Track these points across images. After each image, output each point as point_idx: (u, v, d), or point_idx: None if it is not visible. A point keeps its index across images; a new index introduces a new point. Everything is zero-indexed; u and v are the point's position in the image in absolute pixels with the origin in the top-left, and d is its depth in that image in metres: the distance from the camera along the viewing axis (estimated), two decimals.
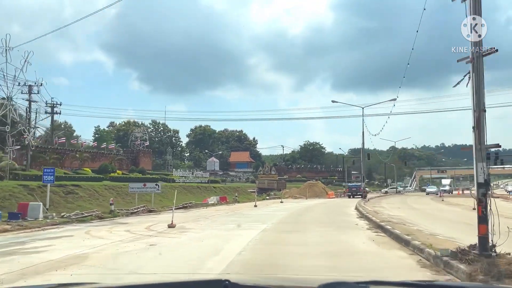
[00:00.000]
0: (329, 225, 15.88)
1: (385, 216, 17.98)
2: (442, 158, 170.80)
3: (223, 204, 37.34)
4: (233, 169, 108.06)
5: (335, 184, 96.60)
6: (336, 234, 13.01)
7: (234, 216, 21.10)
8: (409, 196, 55.05)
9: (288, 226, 15.55)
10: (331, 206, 30.60)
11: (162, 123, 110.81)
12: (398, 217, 17.87)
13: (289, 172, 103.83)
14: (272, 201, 41.36)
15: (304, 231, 13.84)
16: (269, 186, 70.91)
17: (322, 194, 59.71)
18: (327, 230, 14.03)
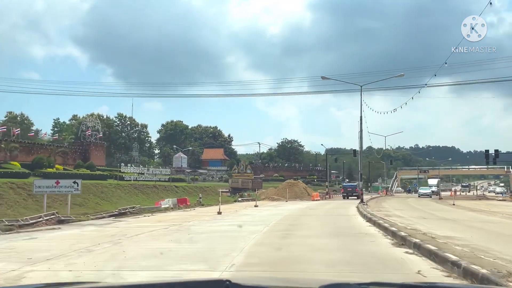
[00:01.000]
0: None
1: (444, 243, 9.22)
2: (419, 158, 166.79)
3: (180, 208, 28.26)
4: (205, 167, 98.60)
5: (314, 184, 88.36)
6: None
7: (172, 235, 11.98)
8: (405, 198, 47.47)
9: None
10: (329, 215, 21.79)
11: (129, 117, 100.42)
12: (459, 241, 9.17)
13: (266, 171, 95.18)
14: (245, 205, 32.38)
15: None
16: (243, 186, 62.03)
17: (303, 195, 51.19)
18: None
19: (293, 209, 25.84)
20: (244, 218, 18.88)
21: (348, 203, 32.45)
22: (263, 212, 22.48)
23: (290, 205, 32.30)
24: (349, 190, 47.35)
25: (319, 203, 33.64)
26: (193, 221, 16.98)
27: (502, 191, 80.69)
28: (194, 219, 17.82)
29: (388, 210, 22.65)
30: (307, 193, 51.99)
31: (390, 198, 44.10)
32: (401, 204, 30.27)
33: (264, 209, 25.81)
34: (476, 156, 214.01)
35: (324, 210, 24.63)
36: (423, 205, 29.74)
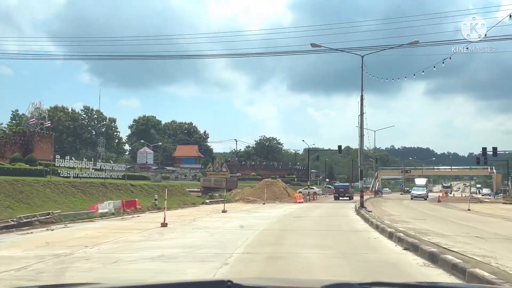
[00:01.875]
0: None
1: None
2: (396, 159, 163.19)
3: (125, 213, 20.96)
4: (178, 165, 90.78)
5: (294, 183, 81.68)
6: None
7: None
8: (400, 200, 41.05)
9: None
10: (330, 231, 14.75)
11: (96, 110, 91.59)
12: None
13: (242, 169, 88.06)
14: (211, 209, 25.14)
15: None
16: (216, 185, 54.63)
17: (283, 195, 44.31)
18: None
19: (272, 216, 18.76)
20: (195, 236, 11.67)
21: (342, 207, 25.81)
22: (228, 224, 15.28)
23: (268, 209, 25.28)
24: (341, 190, 43.07)
25: (304, 207, 26.65)
26: (103, 241, 9.71)
27: (489, 192, 75.60)
28: (107, 240, 10.48)
29: (405, 220, 15.81)
30: (287, 193, 45.12)
31: (385, 201, 37.62)
32: (410, 210, 23.72)
33: (232, 217, 18.65)
34: (449, 157, 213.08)
35: (315, 219, 17.61)
36: (437, 211, 23.18)
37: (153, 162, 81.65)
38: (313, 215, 19.56)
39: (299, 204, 31.28)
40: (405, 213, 20.55)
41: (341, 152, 47.21)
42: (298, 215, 19.35)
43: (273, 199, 42.10)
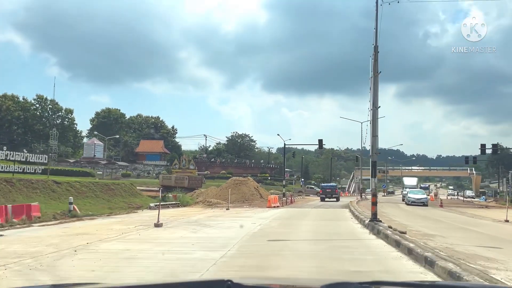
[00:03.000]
0: None
1: None
2: (367, 159, 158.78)
3: (7, 225, 12.55)
4: (141, 161, 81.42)
5: (267, 183, 73.84)
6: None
7: None
8: (395, 203, 33.73)
9: None
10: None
11: (50, 100, 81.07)
12: None
13: (212, 167, 79.67)
14: (145, 219, 16.52)
15: None
16: (178, 184, 46.18)
17: (254, 197, 36.35)
18: None
19: (229, 239, 10.67)
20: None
21: (336, 216, 18.05)
22: (134, 266, 7.03)
23: (231, 217, 17.18)
24: (328, 191, 38.73)
25: (283, 216, 18.44)
26: None
27: (472, 195, 69.90)
28: None
29: (448, 241, 8.04)
30: (259, 194, 37.13)
31: (380, 205, 30.16)
32: (444, 225, 16.05)
33: (161, 241, 10.44)
34: (419, 159, 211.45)
35: (309, 247, 9.40)
36: (477, 226, 15.62)
37: (103, 156, 71.88)
38: (301, 233, 11.56)
39: (275, 209, 23.29)
40: (444, 230, 12.88)
41: (321, 147, 39.88)
42: (276, 235, 11.31)
43: (242, 201, 34.12)
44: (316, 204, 29.83)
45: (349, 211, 21.16)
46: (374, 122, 13.13)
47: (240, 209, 23.86)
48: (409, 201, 32.39)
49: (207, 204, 28.33)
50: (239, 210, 22.29)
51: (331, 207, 26.07)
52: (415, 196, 32.85)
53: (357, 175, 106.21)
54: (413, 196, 32.93)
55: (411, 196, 33.11)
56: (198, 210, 22.73)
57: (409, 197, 33.11)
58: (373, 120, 13.13)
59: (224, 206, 28.83)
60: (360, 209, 21.08)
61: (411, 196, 32.92)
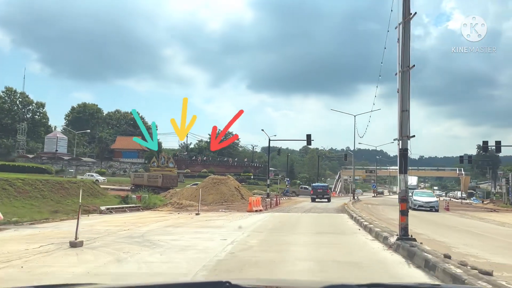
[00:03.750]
0: None
1: None
2: (353, 159, 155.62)
3: None
4: (118, 159, 75.78)
5: (250, 183, 69.14)
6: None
7: None
8: (392, 205, 29.19)
9: None
10: None
11: (20, 92, 74.77)
12: None
13: (192, 166, 74.61)
14: (91, 225, 11.53)
15: None
16: (150, 183, 41.18)
17: (234, 198, 31.62)
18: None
19: (176, 273, 5.99)
20: None
21: (340, 228, 13.42)
22: None
23: (196, 228, 12.34)
24: (319, 191, 35.73)
25: (268, 227, 13.45)
26: None
27: (464, 196, 66.41)
28: None
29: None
30: (240, 195, 32.43)
31: (382, 208, 25.42)
32: (466, 236, 11.63)
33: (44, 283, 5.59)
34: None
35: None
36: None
37: (67, 151, 66.02)
38: (296, 266, 6.81)
39: (256, 215, 18.50)
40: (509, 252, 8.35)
41: (310, 143, 35.44)
42: (253, 269, 6.56)
43: (220, 203, 29.42)
44: (306, 207, 25.20)
45: (350, 218, 16.61)
46: (403, 89, 8.54)
47: (213, 213, 19.03)
48: (416, 205, 26.04)
49: (177, 207, 23.43)
50: (212, 216, 17.48)
51: (324, 211, 21.51)
52: (423, 199, 26.84)
53: (347, 175, 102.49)
54: (420, 199, 26.77)
55: (417, 199, 26.77)
56: (161, 215, 17.84)
57: (415, 200, 26.42)
58: (402, 87, 8.52)
59: (193, 210, 24.10)
60: (365, 215, 16.54)
61: (418, 199, 26.65)
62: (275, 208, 23.18)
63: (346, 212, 19.77)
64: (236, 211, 21.09)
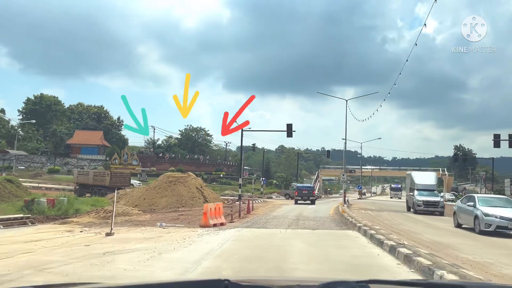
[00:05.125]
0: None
1: None
2: (329, 160, 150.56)
3: None
4: (75, 155, 66.58)
5: (223, 182, 61.54)
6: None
7: None
8: (408, 215, 22.18)
9: None
10: None
11: None
12: None
13: (159, 163, 66.23)
14: None
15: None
16: (96, 182, 33.04)
17: (195, 201, 23.94)
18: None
19: None
20: None
21: (364, 263, 5.83)
22: None
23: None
24: (304, 192, 31.25)
25: (218, 272, 6.27)
26: None
27: (453, 198, 60.60)
28: None
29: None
30: (203, 197, 24.77)
31: (389, 216, 18.58)
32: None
33: None
34: (376, 161, 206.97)
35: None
36: None
37: (16, 147, 56.68)
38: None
39: (212, 234, 10.74)
40: None
41: (291, 134, 28.33)
42: None
43: (176, 207, 21.96)
44: (289, 216, 17.70)
45: (368, 239, 9.42)
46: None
47: (143, 231, 11.29)
48: (418, 205, 22.05)
49: (103, 216, 15.60)
50: (132, 238, 9.76)
51: (319, 223, 14.17)
52: (426, 198, 22.38)
53: (327, 175, 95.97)
54: (422, 198, 22.35)
55: (419, 198, 22.36)
56: (48, 237, 10.03)
57: (417, 199, 22.37)
58: None
59: (137, 216, 16.51)
60: (384, 230, 9.32)
61: (419, 198, 22.35)
62: (246, 219, 15.63)
63: (352, 226, 12.56)
64: (187, 223, 13.50)
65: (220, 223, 12.71)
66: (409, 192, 25.60)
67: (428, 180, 24.56)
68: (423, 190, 23.23)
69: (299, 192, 31.78)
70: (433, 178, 25.49)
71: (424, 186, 23.59)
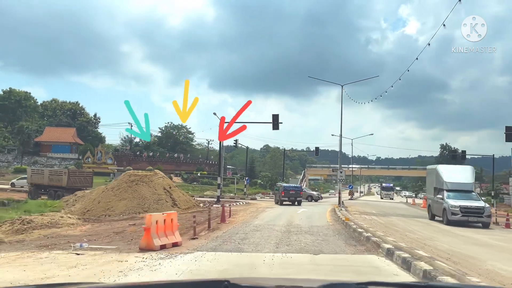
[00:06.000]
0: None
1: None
2: (314, 159, 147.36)
3: None
4: (45, 153, 60.99)
5: (204, 182, 56.77)
6: None
7: None
8: (417, 221, 17.49)
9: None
10: None
11: None
12: None
13: (136, 162, 60.95)
14: None
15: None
16: (53, 183, 28.03)
17: (161, 205, 19.35)
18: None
19: None
20: None
21: None
22: None
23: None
24: (292, 193, 27.79)
25: None
26: None
27: None
28: None
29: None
30: (171, 199, 20.21)
31: (416, 225, 14.02)
32: None
33: None
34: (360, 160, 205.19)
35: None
36: None
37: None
38: None
39: (139, 279, 6.51)
40: None
41: (278, 127, 23.84)
42: None
43: (136, 213, 17.44)
44: (277, 224, 13.23)
45: (406, 271, 4.96)
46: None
47: (21, 266, 6.69)
48: (451, 214, 15.34)
49: (14, 230, 10.93)
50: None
51: (320, 237, 9.82)
52: (467, 203, 15.58)
53: (313, 174, 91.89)
54: (459, 203, 15.51)
55: (456, 203, 15.55)
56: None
57: (451, 206, 15.55)
58: None
59: (73, 227, 12.01)
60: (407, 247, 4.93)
61: (457, 204, 15.48)
62: (217, 232, 11.10)
63: (372, 245, 8.23)
64: (127, 242, 8.99)
65: (173, 243, 8.20)
66: (433, 193, 18.43)
67: (462, 177, 17.50)
68: (457, 192, 16.67)
69: (286, 193, 27.72)
70: (470, 174, 18.06)
71: (457, 186, 17.00)
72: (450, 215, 15.56)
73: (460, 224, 15.23)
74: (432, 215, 18.18)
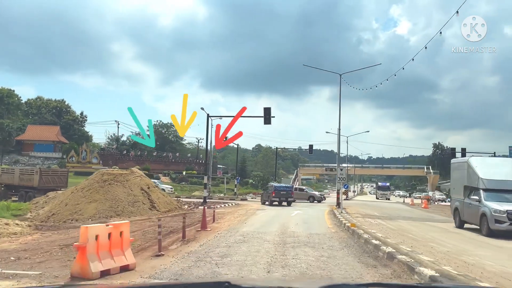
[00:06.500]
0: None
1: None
2: (306, 159, 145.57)
3: None
4: (28, 152, 57.90)
5: (193, 182, 54.19)
6: None
7: None
8: (438, 228, 14.43)
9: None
10: None
11: None
12: None
13: (123, 161, 58.01)
14: None
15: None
16: (23, 183, 25.24)
17: (137, 209, 16.85)
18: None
19: None
20: None
21: None
22: None
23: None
24: (283, 193, 25.99)
25: None
26: None
27: (443, 197, 55.15)
28: None
29: None
30: (149, 201, 17.71)
31: (434, 233, 11.64)
32: None
33: None
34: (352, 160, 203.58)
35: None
36: None
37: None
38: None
39: None
40: None
41: (269, 121, 21.43)
42: None
43: (107, 216, 15.01)
44: (266, 229, 10.85)
45: None
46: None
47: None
48: (498, 223, 11.60)
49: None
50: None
51: (324, 251, 7.45)
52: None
53: (306, 174, 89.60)
54: (507, 208, 11.67)
55: (502, 208, 11.75)
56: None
57: (497, 211, 11.76)
58: None
59: (15, 238, 9.46)
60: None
61: (503, 209, 11.69)
62: (193, 245, 8.65)
63: (400, 267, 5.87)
64: (65, 262, 6.57)
65: (121, 266, 5.74)
66: (463, 194, 14.17)
67: (504, 173, 13.29)
68: (498, 192, 12.71)
69: (277, 193, 25.83)
70: (510, 165, 14.09)
71: (499, 184, 12.90)
72: (493, 224, 11.75)
73: (506, 235, 11.41)
74: (461, 222, 14.31)
